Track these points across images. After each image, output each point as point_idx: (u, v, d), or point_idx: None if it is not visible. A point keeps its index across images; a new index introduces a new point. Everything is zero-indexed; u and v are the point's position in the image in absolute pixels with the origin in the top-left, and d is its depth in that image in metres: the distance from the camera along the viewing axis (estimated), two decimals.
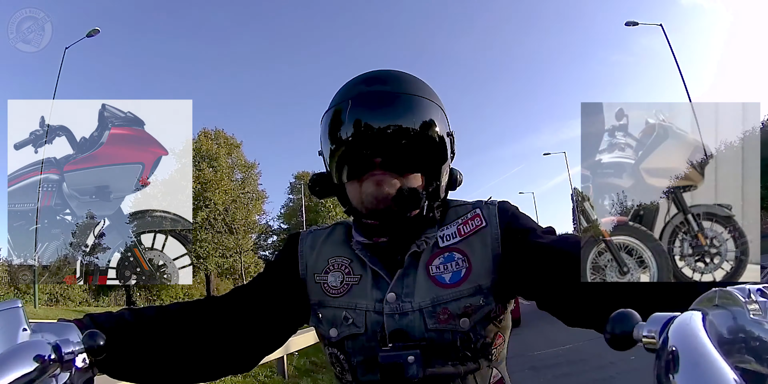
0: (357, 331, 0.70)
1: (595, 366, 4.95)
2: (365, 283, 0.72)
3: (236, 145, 23.73)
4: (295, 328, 0.78)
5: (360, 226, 0.76)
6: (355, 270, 0.74)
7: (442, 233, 0.74)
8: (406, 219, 0.71)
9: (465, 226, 0.74)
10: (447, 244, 0.73)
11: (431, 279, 0.70)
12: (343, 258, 0.76)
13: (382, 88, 0.71)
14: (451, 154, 0.76)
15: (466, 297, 0.69)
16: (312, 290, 0.76)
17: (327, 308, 0.73)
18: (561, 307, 0.63)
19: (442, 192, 0.75)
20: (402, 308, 0.69)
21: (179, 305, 0.71)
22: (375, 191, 0.69)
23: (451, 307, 0.68)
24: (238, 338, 0.71)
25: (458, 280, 0.70)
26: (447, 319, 0.68)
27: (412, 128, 0.69)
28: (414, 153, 0.69)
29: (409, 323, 0.68)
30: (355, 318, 0.71)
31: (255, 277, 0.80)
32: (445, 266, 0.71)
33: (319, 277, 0.76)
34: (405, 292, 0.70)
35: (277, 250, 22.23)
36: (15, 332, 0.44)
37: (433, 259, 0.72)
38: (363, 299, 0.71)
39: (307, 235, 0.81)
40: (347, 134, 0.70)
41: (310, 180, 0.79)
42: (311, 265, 0.77)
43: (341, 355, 0.72)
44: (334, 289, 0.74)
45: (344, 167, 0.71)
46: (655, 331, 0.34)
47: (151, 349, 0.63)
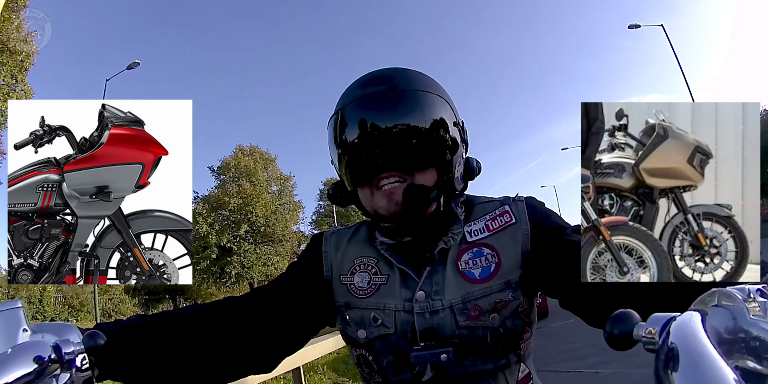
0: (386, 332, 0.69)
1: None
2: (393, 282, 0.72)
3: (271, 159, 24.43)
4: (316, 330, 0.78)
5: (380, 228, 0.75)
6: (382, 270, 0.73)
7: (470, 228, 0.74)
8: (424, 217, 0.70)
9: (493, 222, 0.74)
10: (475, 239, 0.72)
11: (461, 274, 0.70)
12: (369, 258, 0.75)
13: (379, 88, 0.70)
14: (464, 144, 0.74)
15: (496, 292, 0.68)
16: (338, 291, 0.75)
17: (354, 309, 0.73)
18: (584, 307, 0.63)
19: (459, 184, 0.74)
20: (432, 306, 0.68)
21: (196, 307, 0.71)
22: (386, 205, 0.68)
23: (481, 303, 0.68)
24: (256, 338, 0.70)
25: (488, 276, 0.69)
26: (477, 316, 0.67)
27: (415, 125, 0.68)
28: (419, 149, 0.68)
29: (440, 321, 0.67)
30: (384, 318, 0.70)
31: (277, 277, 0.80)
32: (475, 261, 0.71)
33: (345, 277, 0.75)
34: (434, 289, 0.69)
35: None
36: (15, 333, 0.44)
37: (461, 254, 0.71)
38: (392, 299, 0.71)
39: (331, 236, 0.81)
40: (351, 139, 0.69)
41: (329, 188, 0.78)
42: (336, 266, 0.77)
43: (370, 356, 0.72)
44: (360, 290, 0.73)
45: (353, 173, 0.71)
46: (655, 331, 0.34)
47: (164, 352, 0.62)
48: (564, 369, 4.93)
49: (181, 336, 0.65)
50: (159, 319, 0.65)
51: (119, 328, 0.61)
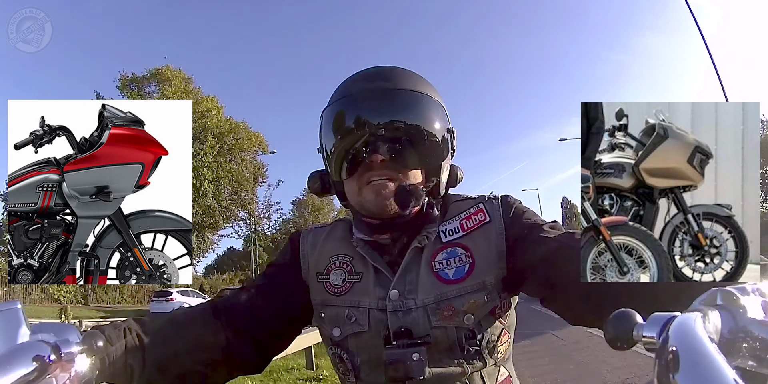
0: (360, 330, 0.70)
1: None
2: (367, 280, 0.72)
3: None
4: (299, 329, 0.78)
5: (360, 223, 0.75)
6: (357, 267, 0.73)
7: (444, 228, 0.73)
8: (406, 216, 0.70)
9: (468, 221, 0.73)
10: (450, 239, 0.72)
11: (435, 275, 0.70)
12: (345, 255, 0.75)
13: (381, 84, 0.70)
14: (452, 151, 0.75)
15: (470, 293, 0.68)
16: (314, 290, 0.75)
17: (330, 307, 0.73)
18: (565, 305, 0.63)
19: (442, 189, 0.75)
20: (405, 305, 0.68)
21: (185, 310, 0.71)
22: (375, 199, 0.68)
23: (455, 303, 0.67)
24: (243, 341, 0.70)
25: (462, 276, 0.69)
26: (451, 316, 0.67)
27: (412, 124, 0.68)
28: (414, 149, 0.69)
29: (413, 321, 0.67)
30: (358, 316, 0.70)
31: (257, 277, 0.80)
32: (449, 262, 0.70)
33: (321, 276, 0.75)
34: (408, 288, 0.69)
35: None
36: (14, 332, 0.44)
37: (436, 254, 0.71)
38: (365, 297, 0.71)
39: (308, 234, 0.81)
40: (346, 131, 0.69)
41: (309, 176, 0.78)
42: (313, 265, 0.77)
43: (345, 354, 0.72)
44: (336, 287, 0.73)
45: (343, 164, 0.70)
46: (655, 331, 0.34)
47: (155, 354, 0.62)
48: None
49: (173, 339, 0.65)
50: (152, 322, 0.66)
51: (116, 330, 0.61)
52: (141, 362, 0.61)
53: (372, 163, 0.67)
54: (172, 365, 0.64)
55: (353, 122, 0.69)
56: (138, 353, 0.61)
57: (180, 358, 0.64)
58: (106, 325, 0.62)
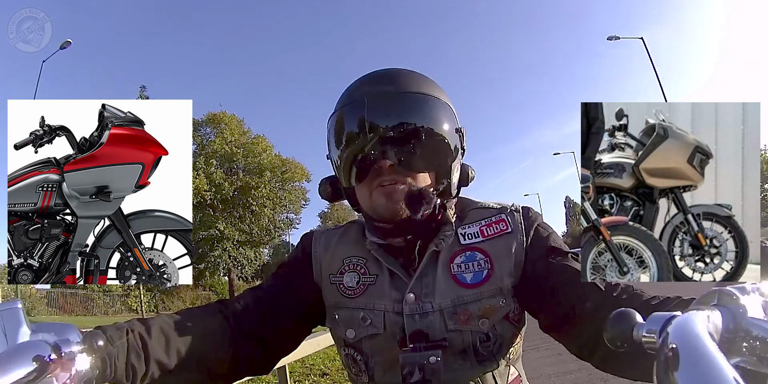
0: (375, 332, 0.69)
1: None
2: (382, 283, 0.72)
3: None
4: (309, 330, 0.78)
5: (373, 227, 0.75)
6: (371, 270, 0.73)
7: (464, 231, 0.73)
8: (417, 220, 0.69)
9: (488, 228, 0.73)
10: (468, 243, 0.72)
11: (453, 277, 0.70)
12: (358, 258, 0.75)
13: (387, 87, 0.70)
14: (462, 151, 0.74)
15: (487, 298, 0.68)
16: (327, 292, 0.75)
17: (344, 309, 0.73)
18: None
19: (454, 189, 0.74)
20: (422, 308, 0.68)
21: (192, 310, 0.70)
22: (386, 204, 0.68)
23: (471, 307, 0.68)
24: (251, 341, 0.70)
25: (480, 281, 0.69)
26: (467, 320, 0.67)
27: (420, 127, 0.68)
28: (423, 152, 0.68)
29: (429, 324, 0.67)
30: (373, 319, 0.70)
31: (268, 278, 0.80)
32: (467, 265, 0.70)
33: (335, 277, 0.75)
34: (425, 292, 0.69)
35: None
36: (15, 332, 0.44)
37: (454, 257, 0.71)
38: (381, 300, 0.70)
39: (320, 236, 0.81)
40: (353, 137, 0.69)
41: (320, 183, 0.78)
42: (326, 266, 0.77)
43: (358, 356, 0.72)
44: (350, 289, 0.73)
45: (352, 170, 0.70)
46: (655, 331, 0.34)
47: (161, 355, 0.61)
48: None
49: (177, 338, 0.64)
50: (156, 322, 0.65)
51: (118, 330, 0.60)
52: (143, 362, 0.60)
53: (381, 168, 0.67)
54: (175, 365, 0.63)
55: (359, 128, 0.68)
56: (140, 353, 0.60)
57: (184, 357, 0.63)
58: (108, 325, 0.61)
